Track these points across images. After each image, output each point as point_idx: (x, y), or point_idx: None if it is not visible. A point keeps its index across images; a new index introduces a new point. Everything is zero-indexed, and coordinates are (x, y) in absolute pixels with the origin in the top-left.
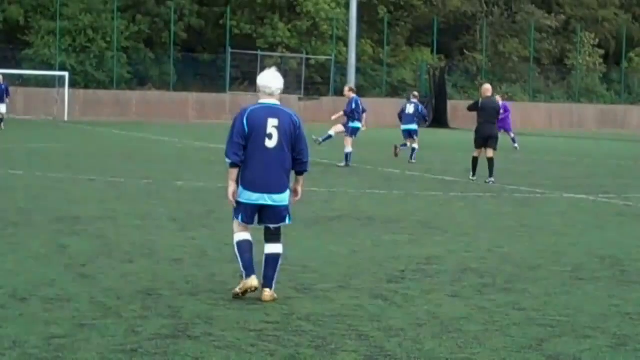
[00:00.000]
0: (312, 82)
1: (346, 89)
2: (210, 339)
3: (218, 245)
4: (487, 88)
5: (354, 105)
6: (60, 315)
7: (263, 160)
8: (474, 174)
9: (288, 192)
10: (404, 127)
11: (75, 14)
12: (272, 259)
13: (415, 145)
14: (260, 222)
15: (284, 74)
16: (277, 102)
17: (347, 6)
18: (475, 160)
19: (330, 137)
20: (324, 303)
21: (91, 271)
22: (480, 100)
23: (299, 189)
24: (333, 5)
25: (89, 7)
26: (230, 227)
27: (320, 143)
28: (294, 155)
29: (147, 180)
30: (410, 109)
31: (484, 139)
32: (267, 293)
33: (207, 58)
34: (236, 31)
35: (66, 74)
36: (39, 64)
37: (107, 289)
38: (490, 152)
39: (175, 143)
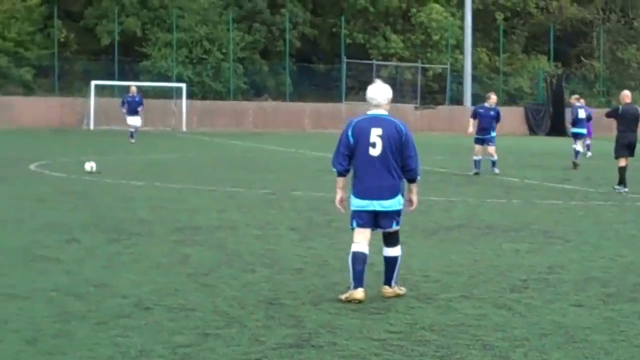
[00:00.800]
0: (428, 91)
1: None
2: (334, 349)
3: (338, 255)
4: (627, 94)
5: (581, 114)
6: (184, 325)
7: (369, 168)
8: (624, 185)
9: (398, 198)
10: (575, 130)
11: (191, 25)
12: (390, 261)
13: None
14: (375, 227)
15: (400, 83)
16: (384, 113)
17: (460, 16)
18: (622, 171)
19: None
20: (447, 312)
21: (213, 281)
22: (620, 107)
23: (413, 197)
24: (445, 14)
25: (205, 18)
26: (348, 236)
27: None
28: (402, 162)
29: (266, 190)
30: (581, 113)
31: (627, 147)
32: (387, 290)
33: (322, 68)
34: (349, 41)
35: (183, 85)
36: (156, 76)
37: (230, 299)
38: (627, 160)
39: (292, 153)
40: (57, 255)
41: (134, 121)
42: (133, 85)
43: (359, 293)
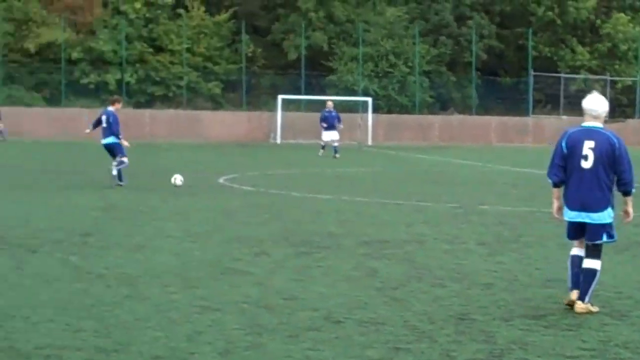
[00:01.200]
0: (617, 104)
1: None
2: None
3: (528, 270)
4: None
5: None
6: (375, 339)
7: (579, 180)
8: None
9: (608, 211)
10: None
11: (377, 39)
12: (586, 273)
13: None
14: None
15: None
16: (599, 125)
17: None
18: None
19: None
20: None
21: (403, 295)
22: None
23: (629, 209)
24: (632, 24)
25: (391, 32)
26: (537, 251)
27: None
28: (616, 176)
29: (453, 204)
30: None
31: None
32: (580, 306)
33: (509, 81)
34: (535, 53)
35: (369, 99)
36: (342, 90)
37: (419, 313)
38: None
39: (479, 167)
40: (248, 268)
41: (329, 136)
42: (330, 100)
43: (572, 295)
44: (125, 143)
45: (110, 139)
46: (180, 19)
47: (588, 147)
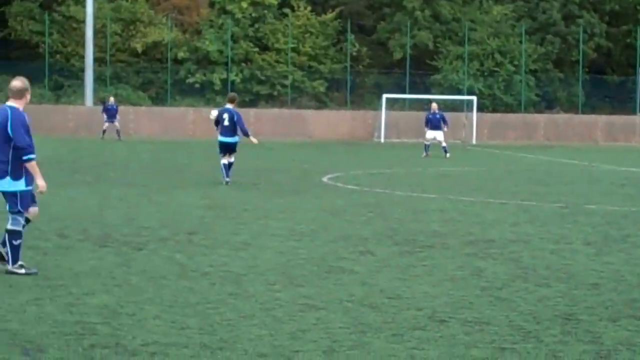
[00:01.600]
0: None
1: None
2: None
3: (636, 270)
4: None
5: None
6: (480, 338)
7: None
8: None
9: None
10: None
11: (483, 38)
12: None
13: None
14: None
15: None
16: None
17: None
18: None
19: None
20: None
21: (508, 294)
22: None
23: None
24: None
25: (497, 31)
26: None
27: None
28: None
29: (559, 204)
30: None
31: None
32: None
33: (616, 79)
34: None
35: (474, 98)
36: (447, 89)
37: (525, 313)
38: None
39: (585, 166)
40: (352, 266)
41: (433, 134)
42: (434, 101)
43: None
44: (254, 140)
45: (233, 138)
46: (286, 19)
47: None
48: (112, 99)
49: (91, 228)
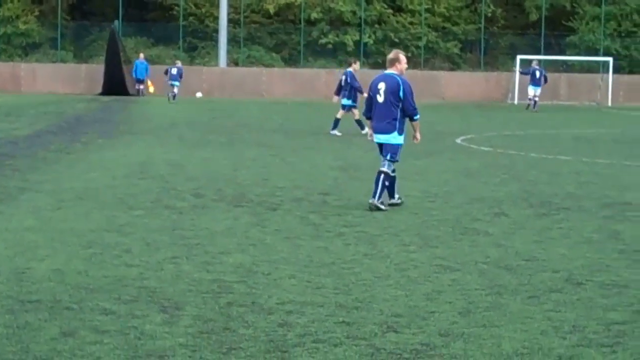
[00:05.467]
0: None
1: None
2: None
3: None
4: None
5: None
6: (617, 301)
7: None
8: None
9: None
10: None
11: None
12: None
13: None
14: None
15: None
16: None
17: None
18: None
19: None
20: None
21: None
22: None
23: None
24: None
25: None
26: None
27: None
28: None
29: None
30: None
31: None
32: None
33: None
34: None
35: (610, 59)
36: (583, 50)
37: None
38: None
39: None
40: (487, 228)
41: (532, 92)
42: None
43: None
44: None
45: (347, 101)
46: None
47: None
48: (179, 63)
49: (226, 188)
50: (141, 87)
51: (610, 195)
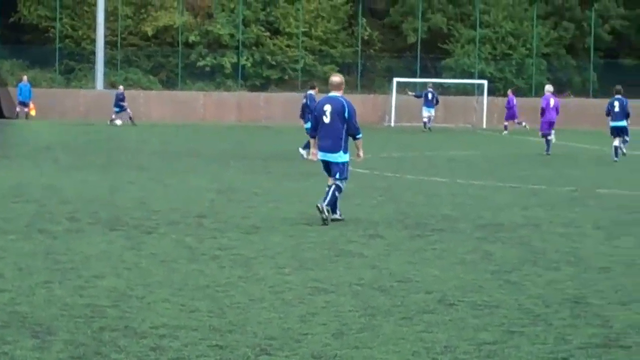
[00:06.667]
0: None
1: None
2: None
3: None
4: None
5: None
6: (489, 322)
7: None
8: None
9: None
10: None
11: (497, 21)
12: None
13: None
14: None
15: None
16: None
17: None
18: None
19: None
20: None
21: (517, 278)
22: None
23: None
24: None
25: (511, 14)
26: None
27: None
28: None
29: (570, 188)
30: None
31: None
32: None
33: (631, 63)
34: None
35: (485, 82)
36: (459, 73)
37: (534, 296)
38: None
39: (596, 150)
40: (362, 250)
41: (427, 113)
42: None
43: None
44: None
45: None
46: (298, 2)
47: None
48: (121, 88)
49: (102, 211)
50: (25, 109)
51: (484, 216)
